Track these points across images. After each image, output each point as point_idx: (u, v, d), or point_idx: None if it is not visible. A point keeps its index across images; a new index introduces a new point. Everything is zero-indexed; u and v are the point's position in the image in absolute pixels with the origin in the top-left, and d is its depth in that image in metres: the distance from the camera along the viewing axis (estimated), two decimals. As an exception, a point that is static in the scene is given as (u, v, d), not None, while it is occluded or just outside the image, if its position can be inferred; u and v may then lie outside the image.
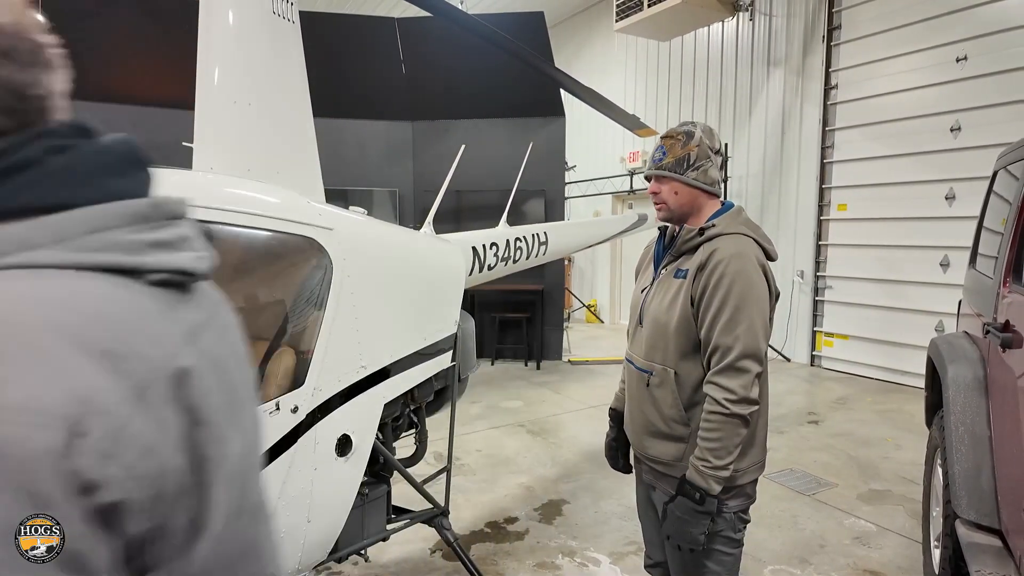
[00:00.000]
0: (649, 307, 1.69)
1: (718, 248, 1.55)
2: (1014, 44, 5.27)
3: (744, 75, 7.84)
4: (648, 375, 1.66)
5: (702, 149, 1.63)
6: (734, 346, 1.48)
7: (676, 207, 1.65)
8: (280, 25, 2.15)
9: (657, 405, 1.64)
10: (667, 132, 1.69)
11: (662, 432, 1.65)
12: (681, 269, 1.62)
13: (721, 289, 1.51)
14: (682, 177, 1.62)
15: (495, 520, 3.39)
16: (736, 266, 1.51)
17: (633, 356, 1.75)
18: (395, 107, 7.37)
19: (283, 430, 1.67)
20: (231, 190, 1.79)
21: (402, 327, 2.20)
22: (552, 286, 7.36)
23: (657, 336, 1.63)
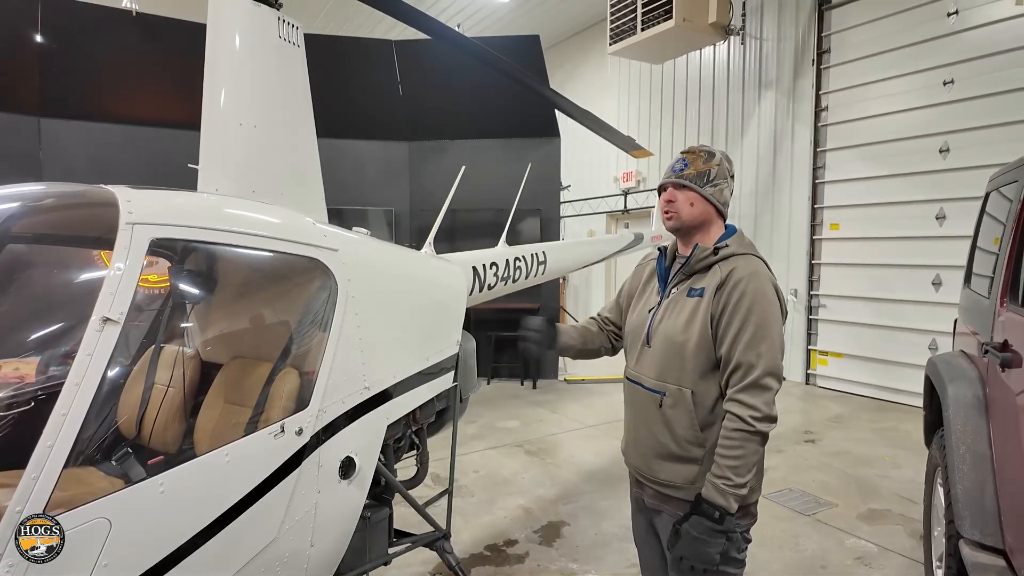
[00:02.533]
0: (660, 327, 1.66)
1: (736, 267, 1.55)
2: (998, 68, 5.39)
3: (736, 97, 7.97)
4: (660, 396, 1.61)
5: (722, 169, 1.66)
6: (757, 364, 1.48)
7: (689, 218, 1.65)
8: (286, 49, 2.18)
9: (671, 427, 1.60)
10: (689, 148, 1.72)
11: (675, 454, 1.61)
12: (695, 288, 1.61)
13: (743, 307, 1.51)
14: (701, 190, 1.63)
15: (495, 543, 3.35)
16: (756, 285, 1.52)
17: (640, 376, 1.70)
18: (392, 127, 7.43)
19: (288, 453, 1.65)
20: (237, 211, 1.79)
21: (405, 347, 2.20)
22: (547, 304, 7.37)
23: (672, 356, 1.60)
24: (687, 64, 8.64)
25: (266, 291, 1.91)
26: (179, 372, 1.87)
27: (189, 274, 1.83)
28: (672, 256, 1.75)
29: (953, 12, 5.72)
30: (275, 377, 1.78)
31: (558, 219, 7.53)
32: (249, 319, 1.86)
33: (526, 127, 7.17)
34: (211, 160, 2.01)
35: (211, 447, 1.52)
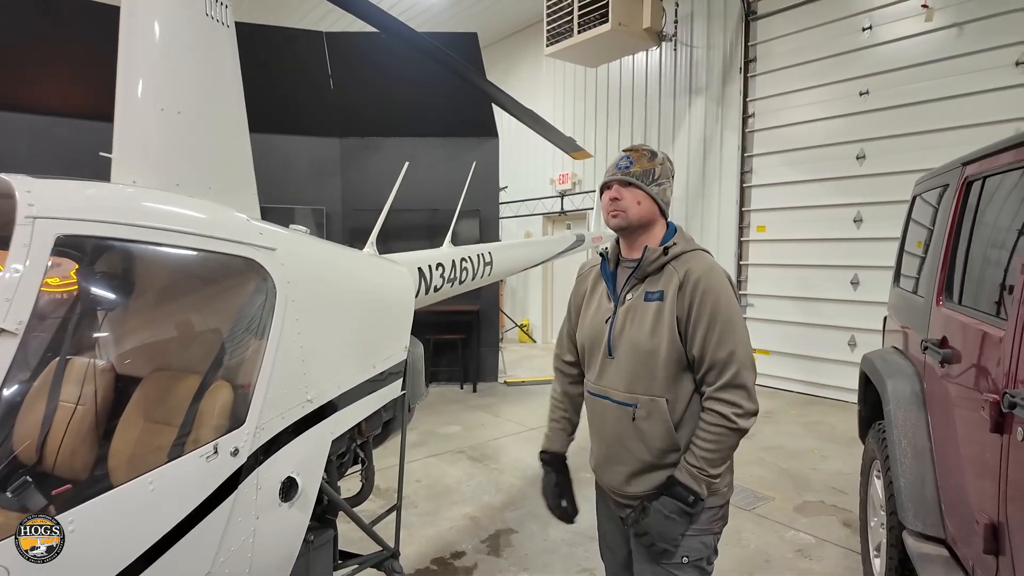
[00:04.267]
0: (622, 336, 1.58)
1: (691, 266, 1.54)
2: (909, 81, 5.77)
3: (668, 102, 8.17)
4: (632, 408, 1.55)
5: (665, 169, 1.65)
6: (731, 360, 1.47)
7: (636, 217, 1.61)
8: (213, 28, 1.97)
9: (646, 439, 1.55)
10: (632, 146, 1.69)
11: (652, 465, 1.56)
12: (652, 291, 1.57)
13: (707, 305, 1.49)
14: (648, 188, 1.60)
15: (441, 556, 3.22)
16: (714, 280, 1.51)
17: (606, 390, 1.62)
18: (323, 123, 7.12)
19: (222, 476, 1.47)
20: (159, 206, 1.59)
21: (351, 355, 2.04)
22: (488, 306, 7.28)
23: (640, 365, 1.54)
24: (620, 68, 8.78)
25: (194, 296, 1.71)
26: (90, 388, 1.64)
27: (103, 277, 1.61)
28: (616, 259, 1.69)
29: (868, 27, 6.07)
30: (205, 391, 1.58)
31: (497, 220, 7.45)
32: (174, 327, 1.66)
33: (464, 126, 7.05)
34: (127, 149, 1.79)
35: (132, 474, 1.33)
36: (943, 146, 5.44)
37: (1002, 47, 5.20)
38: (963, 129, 5.40)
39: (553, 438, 1.90)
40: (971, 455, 1.80)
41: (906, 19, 5.77)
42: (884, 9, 5.95)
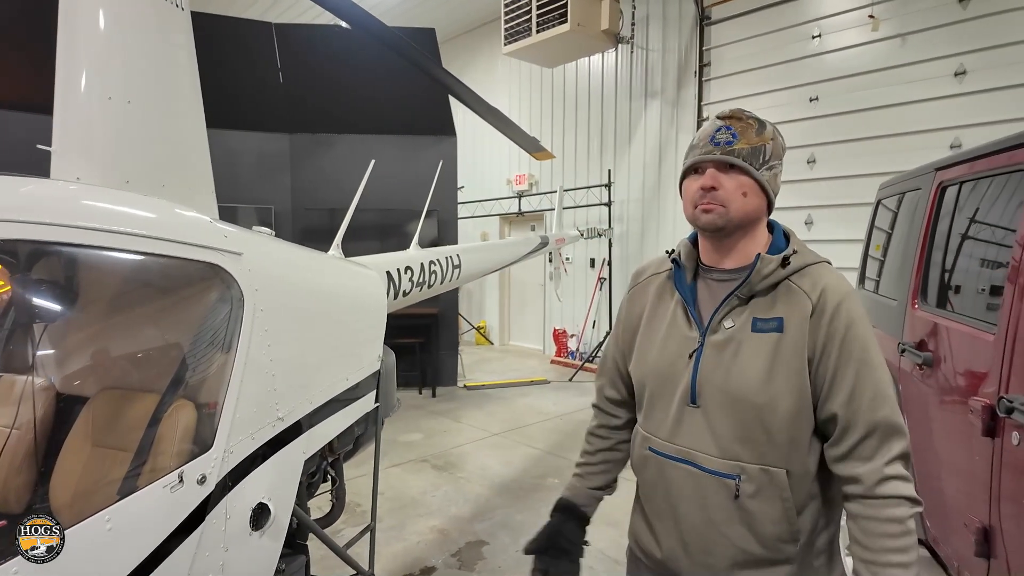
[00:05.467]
0: (714, 378, 1.15)
1: (827, 286, 1.11)
2: (857, 88, 5.98)
3: (624, 104, 8.23)
4: (735, 481, 1.13)
5: (777, 146, 1.18)
6: (895, 421, 1.07)
7: (739, 214, 1.14)
8: (167, 10, 1.80)
9: (753, 523, 1.12)
10: (731, 112, 1.18)
11: (761, 559, 1.14)
12: (765, 318, 1.13)
13: (855, 343, 1.07)
14: (758, 174, 1.14)
15: (411, 572, 3.09)
16: (859, 309, 1.11)
17: (689, 452, 1.18)
18: (271, 118, 6.81)
19: (188, 508, 1.32)
20: (111, 206, 1.41)
21: (323, 367, 1.89)
22: (447, 309, 7.14)
23: (749, 422, 1.12)
24: (577, 69, 8.80)
25: (152, 306, 1.54)
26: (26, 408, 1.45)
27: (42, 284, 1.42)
28: (695, 269, 1.26)
29: (817, 35, 6.26)
30: (166, 412, 1.42)
31: (455, 221, 7.32)
32: (129, 341, 1.48)
33: (420, 124, 6.89)
34: (69, 142, 1.60)
35: (83, 510, 1.16)
36: (889, 152, 5.67)
37: (942, 58, 5.44)
38: (907, 136, 5.64)
39: (580, 490, 1.43)
40: (956, 458, 1.82)
41: (853, 28, 5.98)
42: (833, 18, 6.15)
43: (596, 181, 8.56)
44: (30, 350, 1.56)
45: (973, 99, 5.32)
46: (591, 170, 8.68)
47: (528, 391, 7.07)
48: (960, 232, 2.01)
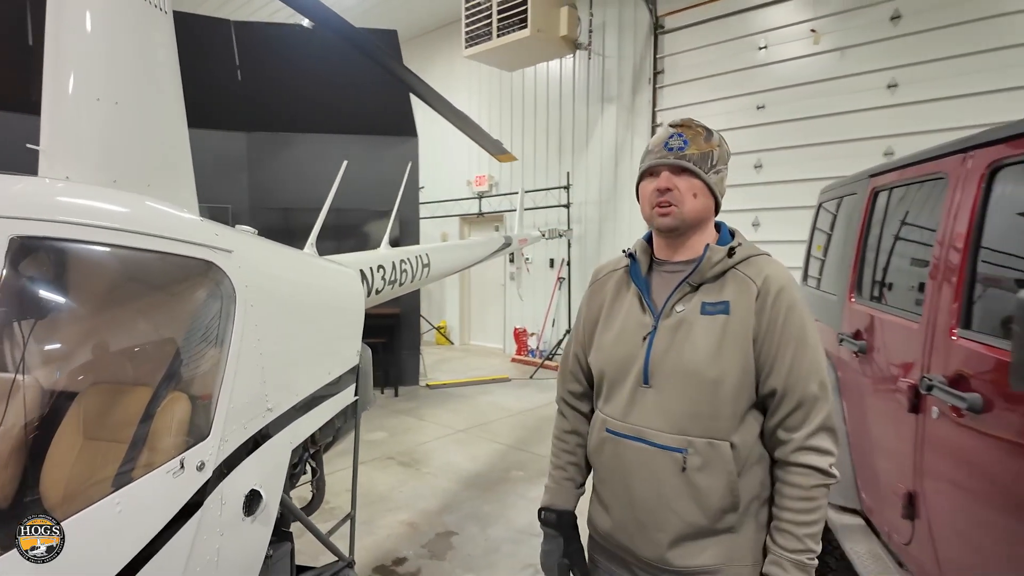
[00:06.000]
0: (667, 358, 1.23)
1: (770, 274, 1.22)
2: (800, 98, 6.34)
3: (581, 109, 8.44)
4: (682, 455, 1.20)
5: (722, 152, 1.30)
6: (821, 396, 1.18)
7: (691, 213, 1.26)
8: (151, 14, 1.84)
9: (700, 496, 1.19)
10: (683, 120, 1.31)
11: (704, 530, 1.21)
12: (713, 302, 1.23)
13: (794, 324, 1.18)
14: (707, 177, 1.26)
15: (383, 564, 3.16)
16: (798, 295, 1.23)
17: (641, 430, 1.25)
18: (228, 116, 6.72)
19: (190, 492, 1.38)
20: (107, 204, 1.46)
21: (308, 361, 1.97)
22: (408, 309, 7.18)
23: (698, 398, 1.20)
24: (536, 74, 8.97)
25: (150, 302, 1.58)
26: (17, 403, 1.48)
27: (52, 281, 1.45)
28: (649, 262, 1.36)
29: (763, 46, 6.60)
30: (163, 403, 1.48)
31: (417, 221, 7.38)
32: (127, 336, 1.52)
33: (381, 124, 6.92)
34: (58, 142, 1.62)
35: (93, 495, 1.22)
36: (830, 158, 6.04)
37: (876, 71, 5.85)
38: (846, 143, 6.02)
39: (558, 491, 1.49)
40: (886, 434, 2.04)
41: (797, 41, 6.34)
42: (778, 31, 6.50)
43: (555, 183, 8.75)
44: (40, 345, 1.58)
45: (904, 110, 5.73)
46: (550, 172, 8.87)
47: (490, 389, 7.18)
48: (890, 233, 2.24)
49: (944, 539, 1.67)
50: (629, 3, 7.71)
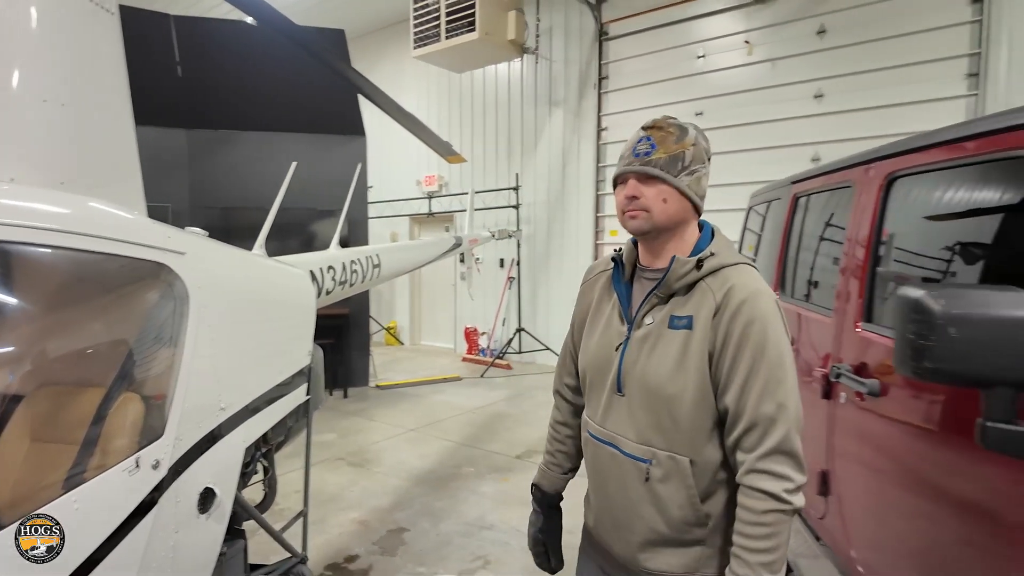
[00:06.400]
0: (635, 370, 1.24)
1: (734, 285, 1.17)
2: (736, 105, 6.67)
3: (530, 112, 8.60)
4: (646, 465, 1.22)
5: (698, 151, 1.25)
6: (778, 418, 1.11)
7: (662, 219, 1.23)
8: (98, 15, 1.84)
9: (662, 505, 1.21)
10: (653, 122, 1.27)
11: (670, 539, 1.23)
12: (679, 316, 1.21)
13: (751, 341, 1.13)
14: (676, 181, 1.21)
15: (335, 561, 3.19)
16: (763, 307, 1.15)
17: (613, 436, 1.28)
18: (167, 112, 6.53)
19: (145, 491, 1.41)
20: (55, 207, 1.47)
21: (260, 361, 2.00)
22: (357, 310, 7.15)
23: (659, 412, 1.20)
24: (485, 76, 9.07)
25: (99, 304, 1.59)
26: None
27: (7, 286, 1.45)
28: (632, 268, 1.34)
29: (702, 55, 6.91)
30: (113, 405, 1.50)
31: (366, 221, 7.35)
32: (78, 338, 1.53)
33: (328, 123, 6.87)
34: (4, 144, 1.61)
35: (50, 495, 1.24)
36: (763, 163, 6.38)
37: (804, 82, 6.22)
38: (777, 149, 6.38)
39: (545, 474, 1.58)
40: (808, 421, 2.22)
41: (732, 51, 6.67)
42: (715, 41, 6.82)
43: (505, 184, 8.86)
44: None
45: (829, 119, 6.12)
46: (500, 173, 8.98)
47: (441, 388, 7.23)
48: (808, 236, 2.45)
49: (851, 512, 1.86)
50: (575, 9, 7.90)
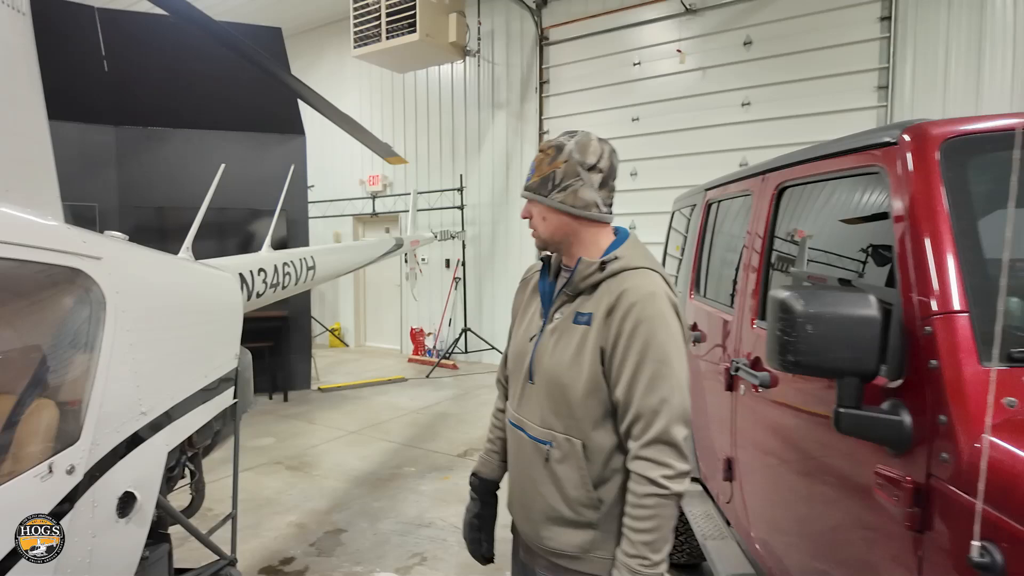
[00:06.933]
0: (543, 361, 1.36)
1: (628, 288, 1.26)
2: (669, 112, 6.94)
3: (473, 114, 8.67)
4: (547, 447, 1.33)
5: (570, 166, 1.32)
6: (661, 410, 1.21)
7: (546, 235, 1.38)
8: (9, 16, 1.81)
9: (560, 485, 1.32)
10: (541, 144, 1.40)
11: (566, 519, 1.33)
12: (582, 313, 1.32)
13: (638, 340, 1.23)
14: (546, 200, 1.34)
15: (270, 564, 3.19)
16: (653, 309, 1.24)
17: (523, 421, 1.41)
18: (93, 108, 6.27)
19: (59, 496, 1.42)
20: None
21: (183, 365, 2.00)
22: (297, 312, 7.05)
23: (558, 399, 1.32)
24: (428, 77, 9.08)
25: (9, 310, 1.57)
26: None
27: None
28: (557, 269, 1.45)
29: (638, 63, 7.15)
30: (24, 410, 1.49)
31: (306, 221, 7.25)
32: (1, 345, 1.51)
33: (266, 121, 6.75)
34: (-97, 145, 1.58)
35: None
36: (697, 167, 6.66)
37: (733, 90, 6.53)
38: (708, 154, 6.67)
39: (485, 461, 1.65)
40: (715, 412, 2.40)
41: (666, 59, 6.93)
42: (650, 49, 7.07)
43: (449, 185, 8.91)
44: None
45: (756, 126, 6.45)
46: (444, 174, 9.02)
47: (385, 389, 7.22)
48: (718, 239, 2.62)
49: (750, 495, 2.02)
50: (516, 14, 8.02)
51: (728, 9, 6.52)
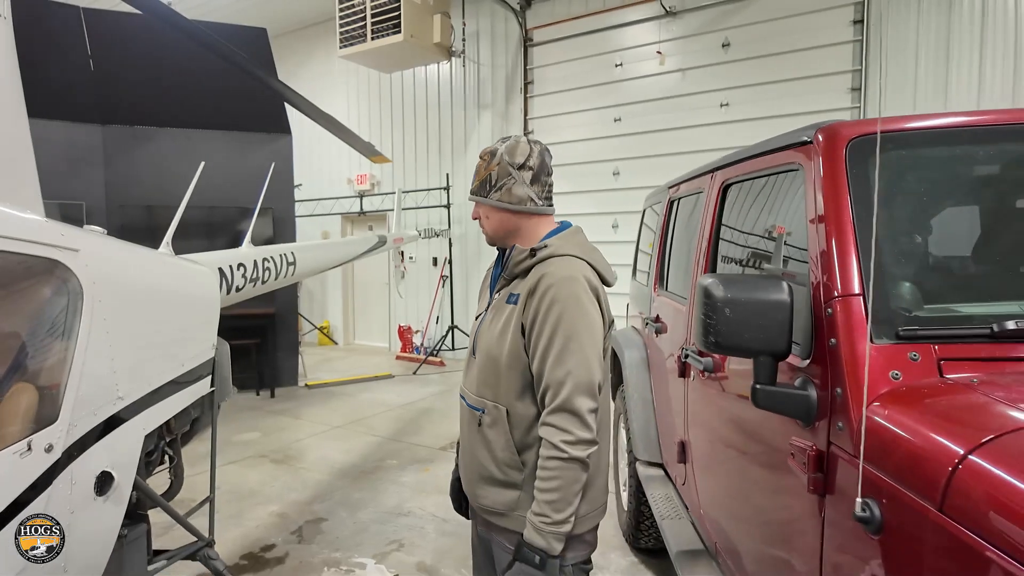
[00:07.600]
0: (483, 336, 1.52)
1: (547, 272, 1.40)
2: (651, 112, 7.06)
3: (459, 114, 8.76)
4: (480, 413, 1.49)
5: (502, 167, 1.49)
6: (566, 381, 1.34)
7: (491, 231, 1.55)
8: (-10, 20, 1.89)
9: (490, 448, 1.47)
10: (481, 151, 1.56)
11: (495, 478, 1.47)
12: (513, 294, 1.48)
13: (551, 317, 1.37)
14: (486, 200, 1.51)
15: (251, 551, 3.28)
16: (566, 291, 1.37)
17: (465, 391, 1.58)
18: (80, 107, 6.33)
19: (37, 472, 1.51)
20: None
21: (160, 353, 2.10)
22: (284, 309, 7.12)
23: (488, 370, 1.48)
24: (414, 77, 9.17)
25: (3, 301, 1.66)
26: None
27: None
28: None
29: (619, 64, 7.27)
30: (3, 394, 1.58)
31: (293, 219, 7.33)
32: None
33: (252, 121, 6.82)
34: None
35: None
36: (677, 167, 6.69)
37: (712, 91, 6.66)
38: (688, 154, 6.77)
39: None
40: (670, 397, 2.51)
41: (647, 61, 7.05)
42: (631, 50, 7.18)
43: (436, 184, 9.00)
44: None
45: (734, 126, 6.58)
46: (431, 173, 9.11)
47: (371, 386, 7.31)
48: (678, 234, 2.74)
49: (700, 474, 2.13)
50: (500, 15, 8.12)
51: (707, 12, 6.64)
